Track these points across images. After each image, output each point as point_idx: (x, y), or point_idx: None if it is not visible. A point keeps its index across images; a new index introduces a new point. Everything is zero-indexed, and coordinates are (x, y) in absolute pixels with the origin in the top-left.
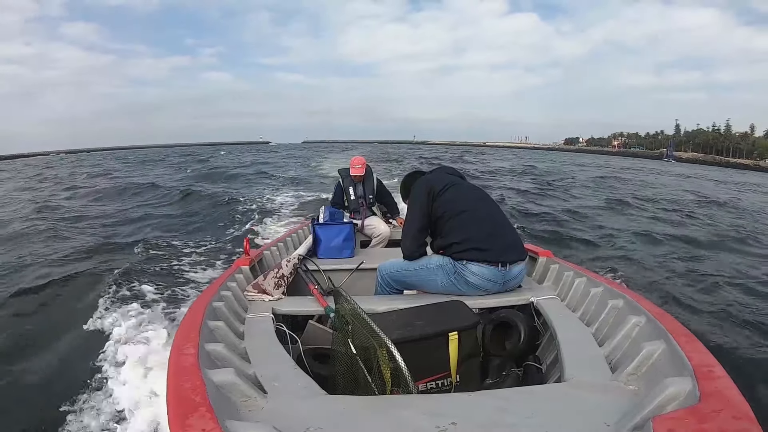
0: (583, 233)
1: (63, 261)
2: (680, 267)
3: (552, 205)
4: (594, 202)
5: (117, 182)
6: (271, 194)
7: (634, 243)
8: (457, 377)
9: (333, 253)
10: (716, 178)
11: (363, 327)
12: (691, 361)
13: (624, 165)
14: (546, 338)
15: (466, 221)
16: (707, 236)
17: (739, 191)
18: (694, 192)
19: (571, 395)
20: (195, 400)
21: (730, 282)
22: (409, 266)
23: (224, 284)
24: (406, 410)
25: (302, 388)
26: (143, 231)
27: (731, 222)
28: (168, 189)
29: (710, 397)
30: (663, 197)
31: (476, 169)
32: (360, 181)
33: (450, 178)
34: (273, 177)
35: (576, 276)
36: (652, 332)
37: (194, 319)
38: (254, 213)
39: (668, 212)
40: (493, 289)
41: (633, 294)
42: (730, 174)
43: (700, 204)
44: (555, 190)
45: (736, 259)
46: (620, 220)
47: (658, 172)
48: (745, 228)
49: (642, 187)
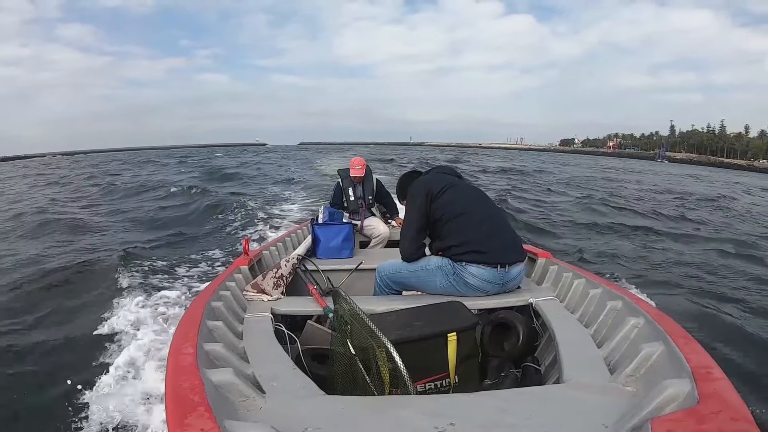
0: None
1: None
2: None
3: (527, 198)
4: (566, 198)
5: (125, 183)
6: (271, 193)
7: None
8: (455, 378)
9: (332, 253)
10: (703, 177)
11: (362, 327)
12: (689, 362)
13: (615, 165)
14: (545, 339)
15: (464, 223)
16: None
17: (724, 189)
18: (671, 190)
19: (569, 396)
20: (193, 400)
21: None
22: (408, 267)
23: (223, 284)
24: (405, 411)
25: (301, 388)
26: (134, 232)
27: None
28: (169, 187)
29: (709, 399)
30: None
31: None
32: (360, 182)
33: (448, 178)
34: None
35: (575, 277)
36: (650, 334)
37: (193, 319)
38: (254, 213)
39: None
40: (492, 291)
41: (632, 295)
42: (718, 173)
43: (676, 200)
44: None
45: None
46: (587, 214)
47: (641, 172)
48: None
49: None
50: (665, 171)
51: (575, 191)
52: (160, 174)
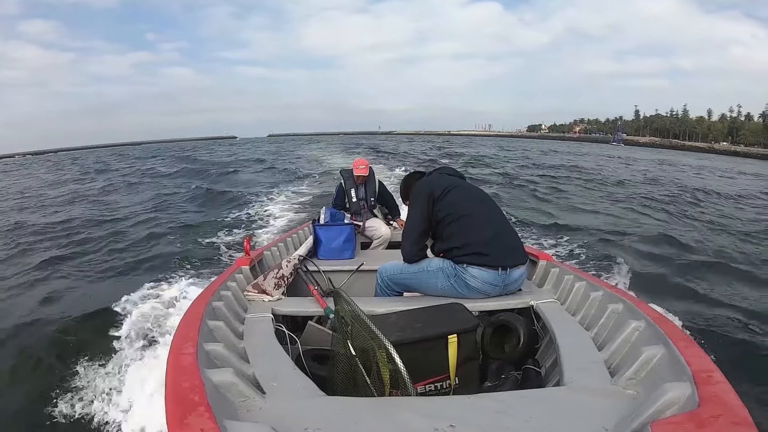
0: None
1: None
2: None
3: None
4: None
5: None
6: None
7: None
8: (456, 380)
9: (333, 254)
10: (642, 157)
11: (362, 328)
12: (690, 366)
13: (559, 149)
14: (545, 342)
15: (466, 225)
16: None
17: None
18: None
19: (569, 399)
20: (193, 400)
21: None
22: (410, 268)
23: (224, 284)
24: (405, 412)
25: (301, 388)
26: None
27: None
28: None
29: (709, 403)
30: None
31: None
32: (362, 182)
33: (450, 180)
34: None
35: (576, 280)
36: (651, 337)
37: (193, 319)
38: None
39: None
40: (494, 293)
41: (633, 298)
42: (668, 154)
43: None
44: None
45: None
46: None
47: (587, 155)
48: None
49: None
50: (609, 153)
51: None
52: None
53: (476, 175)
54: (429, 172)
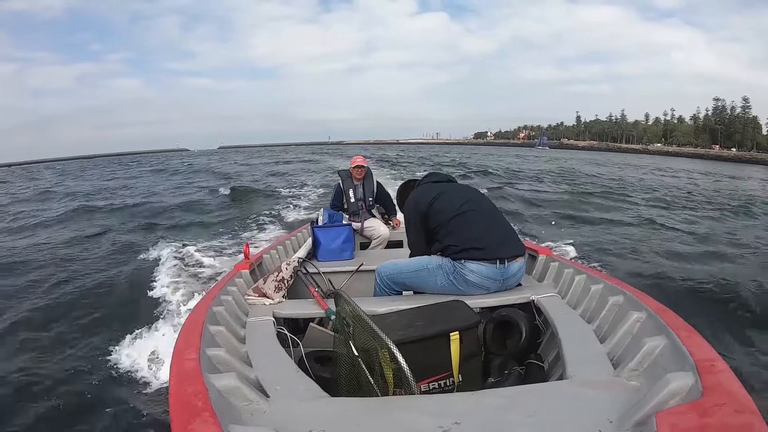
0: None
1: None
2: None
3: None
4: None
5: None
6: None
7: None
8: (459, 377)
9: (333, 255)
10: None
11: (364, 328)
12: (692, 355)
13: (485, 152)
14: (547, 336)
15: (459, 223)
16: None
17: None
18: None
19: (573, 392)
20: (198, 406)
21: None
22: (409, 267)
23: (224, 288)
24: (409, 411)
25: (304, 391)
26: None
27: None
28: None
29: (713, 392)
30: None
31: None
32: (360, 181)
33: (437, 187)
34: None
35: (576, 273)
36: (653, 328)
37: (195, 324)
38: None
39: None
40: (493, 288)
41: (633, 290)
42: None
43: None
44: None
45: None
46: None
47: (503, 156)
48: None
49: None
50: (529, 155)
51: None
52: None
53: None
54: (419, 181)
